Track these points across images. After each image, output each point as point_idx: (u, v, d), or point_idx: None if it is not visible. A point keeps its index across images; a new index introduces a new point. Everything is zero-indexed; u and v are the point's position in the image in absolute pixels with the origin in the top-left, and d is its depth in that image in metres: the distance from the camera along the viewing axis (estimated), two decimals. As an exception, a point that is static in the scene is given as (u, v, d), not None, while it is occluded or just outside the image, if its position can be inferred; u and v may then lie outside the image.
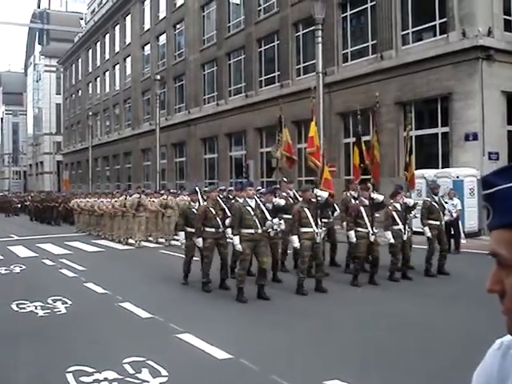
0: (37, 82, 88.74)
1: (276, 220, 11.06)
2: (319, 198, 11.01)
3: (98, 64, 61.36)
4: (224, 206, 11.71)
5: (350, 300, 10.28)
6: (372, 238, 11.38)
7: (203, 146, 39.92)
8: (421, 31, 23.25)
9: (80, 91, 68.39)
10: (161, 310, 9.14)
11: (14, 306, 9.60)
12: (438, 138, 22.01)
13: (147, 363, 6.21)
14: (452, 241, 15.52)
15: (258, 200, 10.66)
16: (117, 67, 56.25)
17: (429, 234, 12.33)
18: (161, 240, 20.86)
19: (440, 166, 21.03)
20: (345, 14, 27.01)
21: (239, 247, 10.17)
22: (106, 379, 5.75)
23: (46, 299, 10.05)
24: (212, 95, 38.71)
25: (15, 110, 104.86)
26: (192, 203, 12.56)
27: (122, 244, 20.60)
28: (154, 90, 35.85)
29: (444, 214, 12.93)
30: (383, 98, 23.24)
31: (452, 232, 15.28)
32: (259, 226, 10.19)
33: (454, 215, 15.20)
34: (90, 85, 64.50)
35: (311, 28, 23.11)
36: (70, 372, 5.96)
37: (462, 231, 16.00)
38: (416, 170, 15.30)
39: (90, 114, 53.88)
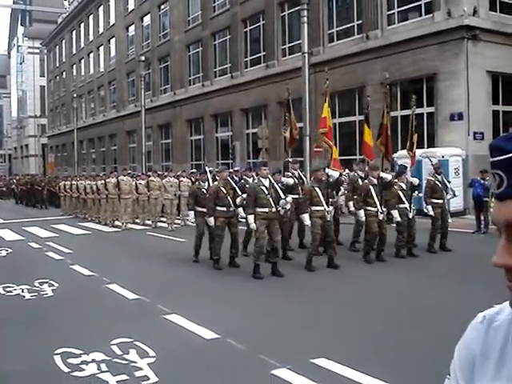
0: (20, 64, 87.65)
1: (289, 198, 11.33)
2: (330, 178, 11.35)
3: (82, 45, 60.72)
4: (235, 186, 11.91)
5: (352, 277, 10.45)
6: (381, 217, 11.70)
7: (189, 127, 39.77)
8: (406, 11, 23.20)
9: (64, 73, 67.73)
10: (148, 291, 9.15)
11: (0, 290, 9.58)
12: (423, 117, 22.02)
13: (135, 344, 6.23)
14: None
15: (271, 179, 10.85)
16: (101, 48, 55.71)
17: (431, 213, 12.69)
18: (147, 222, 20.84)
19: (426, 145, 21.08)
20: (330, -6, 26.87)
21: (253, 225, 10.43)
22: (93, 360, 5.77)
23: (33, 282, 10.03)
24: (197, 76, 38.49)
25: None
26: (202, 183, 12.92)
27: (109, 226, 20.58)
28: (139, 72, 35.64)
29: (447, 193, 13.18)
30: (369, 79, 23.26)
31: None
32: (273, 204, 10.45)
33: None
34: (75, 66, 63.86)
35: (297, 8, 22.97)
36: (57, 354, 5.97)
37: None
38: (402, 150, 15.41)
39: (75, 96, 53.36)
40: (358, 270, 11.05)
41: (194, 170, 24.56)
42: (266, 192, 10.41)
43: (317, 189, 10.99)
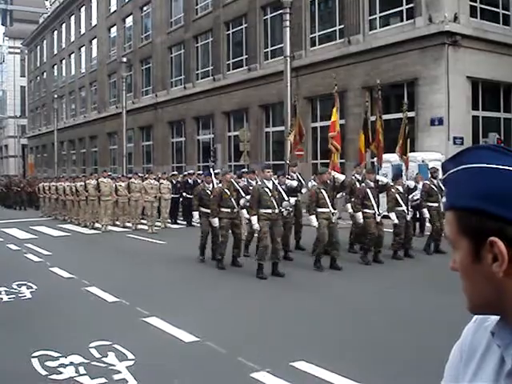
0: (0, 63, 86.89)
1: (293, 200, 11.85)
2: (336, 181, 11.67)
3: (64, 46, 60.31)
4: (238, 187, 12.17)
5: (349, 279, 10.55)
6: (378, 219, 12.03)
7: (170, 129, 39.68)
8: (388, 16, 23.36)
9: (45, 73, 67.23)
10: (127, 293, 9.10)
11: (-23, 291, 9.48)
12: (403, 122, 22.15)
13: (113, 347, 6.19)
14: (417, 224, 15.91)
15: (274, 181, 11.21)
16: (82, 49, 55.39)
17: (427, 215, 13.23)
18: (128, 224, 20.73)
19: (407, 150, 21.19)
20: (313, -2, 26.98)
21: (257, 226, 10.79)
22: (71, 363, 5.72)
23: (11, 284, 9.92)
24: (179, 78, 38.42)
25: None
26: (206, 184, 13.25)
27: (89, 228, 20.45)
28: (121, 73, 35.53)
29: (442, 197, 13.39)
30: (350, 83, 23.37)
31: (417, 215, 15.52)
32: (276, 206, 10.76)
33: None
34: (56, 67, 63.43)
35: (279, 11, 23.04)
36: (35, 357, 5.92)
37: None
38: (384, 154, 15.66)
39: (56, 96, 52.98)
40: (356, 271, 11.21)
41: (175, 172, 24.54)
42: (270, 194, 10.74)
43: (323, 191, 11.30)
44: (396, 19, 22.90)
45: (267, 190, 10.75)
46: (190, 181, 21.82)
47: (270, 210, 10.64)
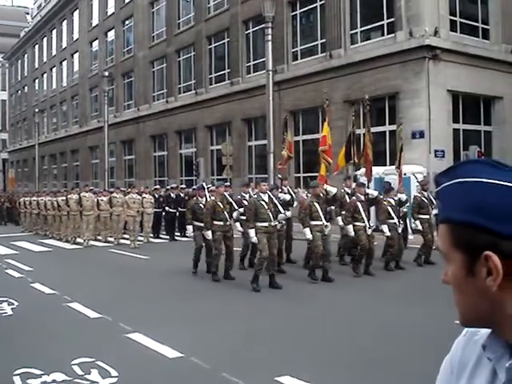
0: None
1: (289, 213, 12.21)
2: (329, 194, 11.91)
3: (45, 60, 60.14)
4: (231, 200, 12.43)
5: (340, 290, 10.64)
6: (369, 232, 12.15)
7: (153, 143, 39.61)
8: (369, 30, 23.58)
9: (26, 87, 66.95)
10: (110, 309, 9.01)
11: (-43, 308, 9.34)
12: (385, 135, 22.34)
13: (96, 364, 6.11)
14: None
15: (270, 194, 11.33)
16: (64, 63, 55.27)
17: (420, 227, 13.33)
18: (110, 239, 20.60)
19: (388, 163, 21.33)
20: (294, 13, 27.18)
21: (255, 239, 10.88)
22: (54, 381, 5.64)
23: (-9, 300, 9.81)
24: (161, 92, 38.42)
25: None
26: (199, 198, 13.38)
27: (70, 243, 20.28)
28: (103, 87, 35.43)
29: (433, 209, 13.63)
30: (332, 97, 23.48)
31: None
32: (272, 218, 10.90)
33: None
34: (37, 81, 63.18)
35: (261, 26, 23.13)
36: (17, 375, 5.82)
37: (409, 227, 16.34)
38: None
39: (37, 110, 52.74)
40: (347, 283, 11.30)
41: (157, 187, 24.45)
42: (266, 207, 10.86)
43: (316, 204, 11.45)
44: (377, 33, 23.11)
45: (263, 203, 10.89)
46: (172, 195, 21.75)
47: (266, 223, 10.78)
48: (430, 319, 7.90)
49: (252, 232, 10.85)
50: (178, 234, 21.52)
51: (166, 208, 21.46)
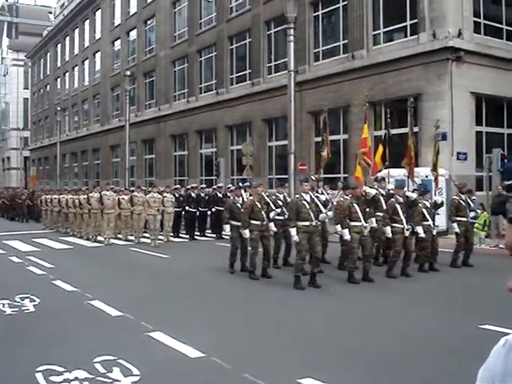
0: (4, 76, 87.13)
1: (331, 213, 12.36)
2: (368, 196, 12.10)
3: (67, 59, 60.58)
4: (268, 200, 12.63)
5: (373, 292, 10.61)
6: (407, 233, 12.24)
7: (173, 142, 39.73)
8: (392, 31, 23.44)
9: (48, 86, 67.48)
10: (131, 308, 9.03)
11: (-20, 304, 9.42)
12: (407, 137, 22.15)
13: (118, 362, 6.12)
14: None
15: (312, 194, 11.64)
16: (86, 62, 55.61)
17: (457, 230, 13.43)
18: (130, 237, 20.68)
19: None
20: (317, 13, 27.10)
21: (296, 238, 10.88)
22: (76, 378, 5.65)
23: (14, 297, 9.86)
24: (182, 92, 38.52)
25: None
26: (236, 198, 13.73)
27: (91, 241, 20.39)
28: (124, 86, 35.61)
29: (470, 212, 13.71)
30: (354, 98, 23.40)
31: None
32: (313, 218, 10.98)
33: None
34: (59, 80, 63.68)
35: (283, 26, 23.11)
36: (39, 371, 5.84)
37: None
38: (386, 169, 15.71)
39: (59, 109, 53.16)
40: (384, 284, 11.38)
41: (177, 186, 24.50)
42: (308, 206, 10.96)
43: (355, 205, 11.55)
44: (400, 35, 22.97)
45: (305, 202, 10.98)
46: (192, 194, 21.78)
47: (307, 223, 10.86)
48: (455, 322, 7.83)
49: (293, 231, 10.91)
50: (198, 233, 21.57)
51: (186, 207, 21.49)
